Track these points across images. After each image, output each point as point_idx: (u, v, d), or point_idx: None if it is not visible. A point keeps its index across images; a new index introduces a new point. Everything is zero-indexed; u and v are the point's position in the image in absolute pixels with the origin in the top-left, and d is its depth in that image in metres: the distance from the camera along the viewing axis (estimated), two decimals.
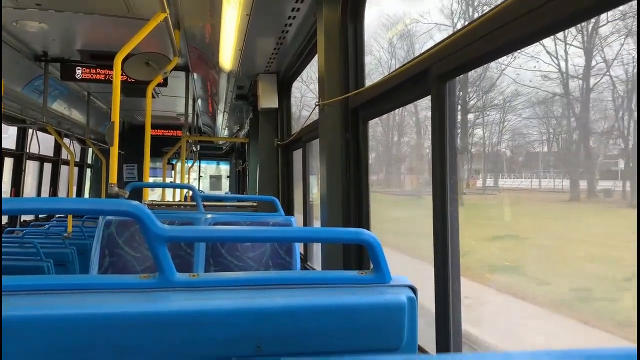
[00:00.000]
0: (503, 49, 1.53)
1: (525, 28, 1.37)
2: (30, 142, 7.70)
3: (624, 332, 2.33)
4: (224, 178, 17.97)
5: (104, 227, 2.97)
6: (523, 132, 3.50)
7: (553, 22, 1.30)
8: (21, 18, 4.23)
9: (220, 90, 6.21)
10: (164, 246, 1.06)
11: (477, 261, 3.58)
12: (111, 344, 0.95)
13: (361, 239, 1.17)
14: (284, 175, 5.63)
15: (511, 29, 1.42)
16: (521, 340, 3.05)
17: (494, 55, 1.63)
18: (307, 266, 4.59)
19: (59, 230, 6.36)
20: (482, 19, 1.55)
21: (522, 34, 1.40)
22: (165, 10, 3.16)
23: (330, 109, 2.90)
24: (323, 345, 1.05)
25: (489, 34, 1.51)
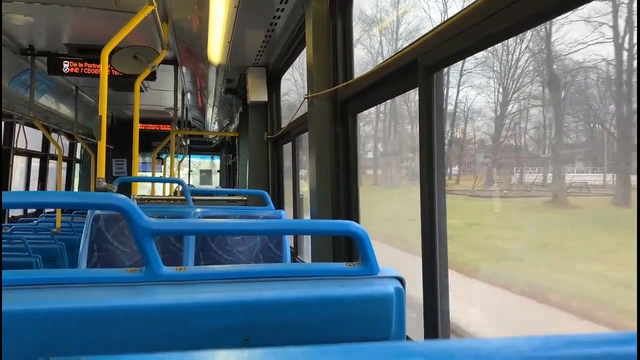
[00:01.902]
0: (491, 38, 1.53)
1: (513, 17, 1.37)
2: (18, 137, 7.63)
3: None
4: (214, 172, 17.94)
5: (92, 222, 2.95)
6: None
7: (541, 10, 1.30)
8: (7, 11, 4.17)
9: (209, 84, 6.18)
10: (151, 240, 1.06)
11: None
12: (97, 337, 0.95)
13: (349, 231, 1.17)
14: (274, 169, 5.62)
15: (498, 19, 1.42)
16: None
17: (481, 46, 1.63)
18: (298, 259, 4.60)
19: (48, 226, 6.30)
20: (468, 10, 1.54)
21: (510, 23, 1.40)
22: (153, 3, 3.14)
23: (319, 102, 2.89)
24: (311, 337, 1.06)
25: (476, 24, 1.51)
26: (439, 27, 1.72)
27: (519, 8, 1.32)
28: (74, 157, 11.02)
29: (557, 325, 2.73)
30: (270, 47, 4.54)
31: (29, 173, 8.70)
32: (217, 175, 17.63)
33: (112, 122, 10.98)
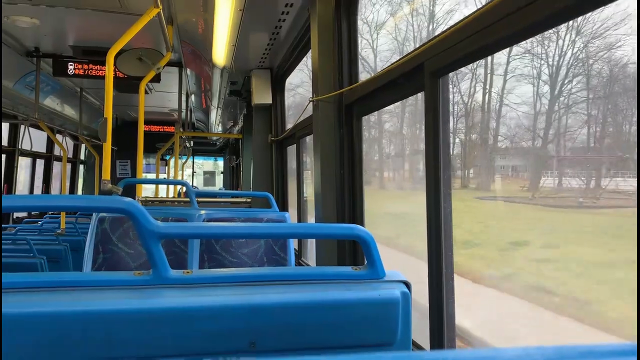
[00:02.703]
0: (497, 44, 1.53)
1: (520, 23, 1.37)
2: (22, 139, 7.66)
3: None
4: (218, 174, 17.97)
5: (97, 224, 2.96)
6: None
7: (549, 17, 1.30)
8: (12, 13, 4.19)
9: (213, 86, 6.19)
10: (158, 243, 1.06)
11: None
12: (104, 340, 0.95)
13: (355, 235, 1.17)
14: (278, 171, 5.62)
15: (505, 24, 1.42)
16: None
17: (488, 51, 1.63)
18: (302, 262, 4.60)
19: (52, 227, 6.32)
20: (475, 14, 1.54)
21: (517, 28, 1.40)
22: (158, 5, 3.15)
23: (324, 105, 2.89)
24: (317, 341, 1.06)
25: (483, 29, 1.51)
26: (446, 32, 1.71)
27: (528, 12, 1.32)
28: (78, 158, 11.06)
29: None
30: (274, 50, 4.54)
31: (33, 174, 8.73)
32: (220, 177, 17.66)
33: (116, 123, 11.01)
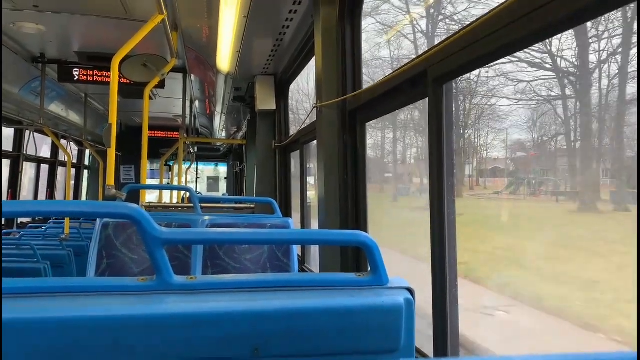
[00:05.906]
0: (500, 51, 1.53)
1: (524, 29, 1.37)
2: (27, 144, 7.69)
3: None
4: (222, 180, 17.98)
5: (101, 229, 2.97)
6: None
7: (551, 24, 1.30)
8: (18, 20, 4.22)
9: (217, 92, 6.21)
10: (162, 249, 1.07)
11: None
12: (109, 346, 0.95)
13: (359, 241, 1.17)
14: (282, 177, 5.63)
15: (508, 32, 1.42)
16: None
17: (491, 58, 1.63)
18: (305, 268, 4.59)
19: (56, 232, 6.33)
20: (478, 22, 1.55)
21: (520, 36, 1.40)
22: (163, 12, 3.16)
23: (328, 111, 2.90)
24: (320, 348, 1.06)
25: (486, 37, 1.51)
26: (449, 39, 1.72)
27: (530, 20, 1.32)
28: (83, 163, 11.09)
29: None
30: (278, 56, 4.56)
31: (37, 179, 8.76)
32: (224, 182, 17.67)
33: (120, 129, 11.03)
